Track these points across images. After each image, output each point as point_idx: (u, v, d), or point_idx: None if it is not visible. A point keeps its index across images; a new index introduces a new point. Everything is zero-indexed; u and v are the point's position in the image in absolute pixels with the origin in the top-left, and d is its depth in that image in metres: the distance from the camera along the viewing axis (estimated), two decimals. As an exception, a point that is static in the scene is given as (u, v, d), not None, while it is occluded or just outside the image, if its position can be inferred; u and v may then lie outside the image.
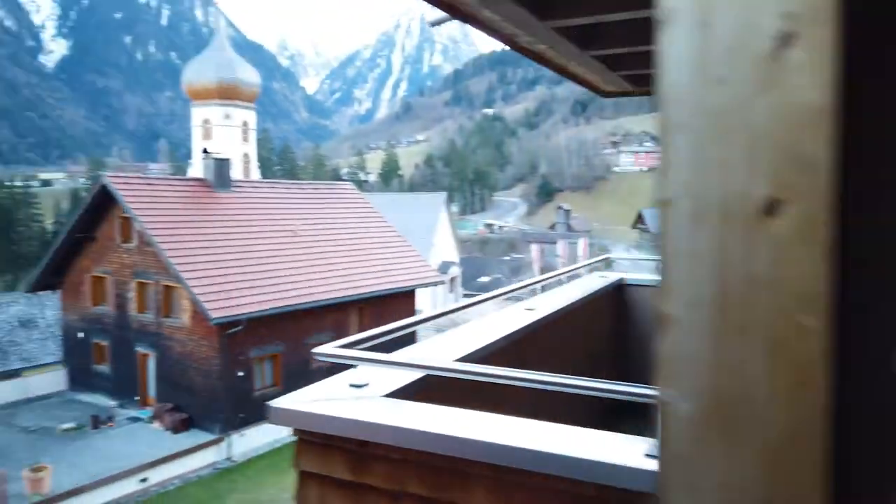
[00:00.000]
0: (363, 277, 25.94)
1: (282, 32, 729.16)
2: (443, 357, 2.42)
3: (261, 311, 21.22)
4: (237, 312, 20.46)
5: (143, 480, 18.60)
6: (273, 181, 32.48)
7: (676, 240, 0.64)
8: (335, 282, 24.67)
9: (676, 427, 0.61)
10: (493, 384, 2.04)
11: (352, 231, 28.49)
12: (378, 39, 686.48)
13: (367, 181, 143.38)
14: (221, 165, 25.74)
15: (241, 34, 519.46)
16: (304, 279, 23.75)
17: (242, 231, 24.20)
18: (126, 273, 23.23)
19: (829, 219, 0.54)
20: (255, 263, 22.97)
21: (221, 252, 22.43)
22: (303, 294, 23.03)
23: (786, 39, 0.54)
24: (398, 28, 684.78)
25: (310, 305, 23.02)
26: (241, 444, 21.28)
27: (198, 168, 35.94)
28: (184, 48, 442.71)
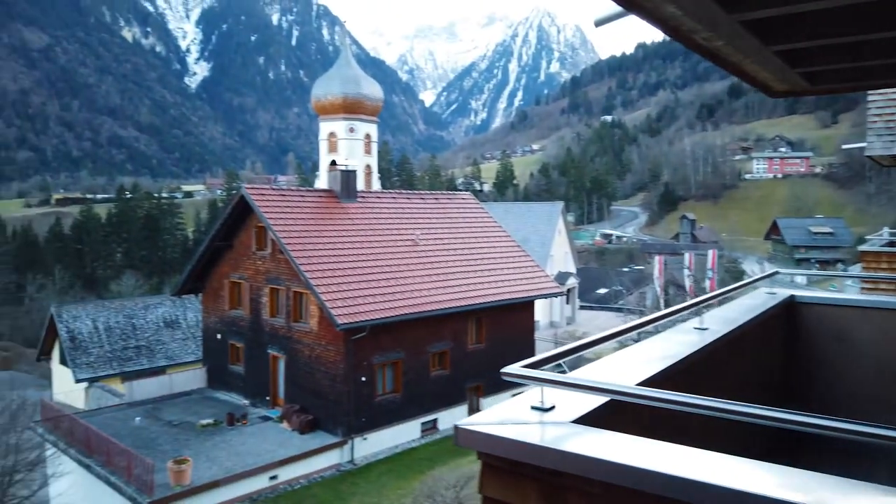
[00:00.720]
0: (481, 287, 25.94)
1: (402, 48, 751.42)
2: (627, 380, 2.23)
3: (384, 319, 21.69)
4: (362, 319, 21.02)
5: (273, 478, 19.48)
6: (395, 191, 33.28)
7: None
8: (454, 291, 24.83)
9: None
10: (671, 411, 1.83)
11: (470, 240, 28.62)
12: (494, 50, 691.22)
13: (482, 191, 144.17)
14: (348, 177, 26.67)
15: (365, 51, 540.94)
16: (425, 288, 24.08)
17: (366, 240, 24.92)
18: (260, 279, 24.54)
19: None
20: (379, 271, 23.56)
21: (347, 260, 23.19)
22: (423, 302, 23.35)
23: None
24: (515, 38, 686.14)
25: (430, 314, 23.29)
26: (363, 448, 21.82)
27: (324, 179, 37.51)
28: (311, 66, 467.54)
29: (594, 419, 1.92)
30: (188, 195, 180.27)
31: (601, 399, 2.01)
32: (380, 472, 21.01)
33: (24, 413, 21.77)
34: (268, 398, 24.14)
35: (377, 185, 41.31)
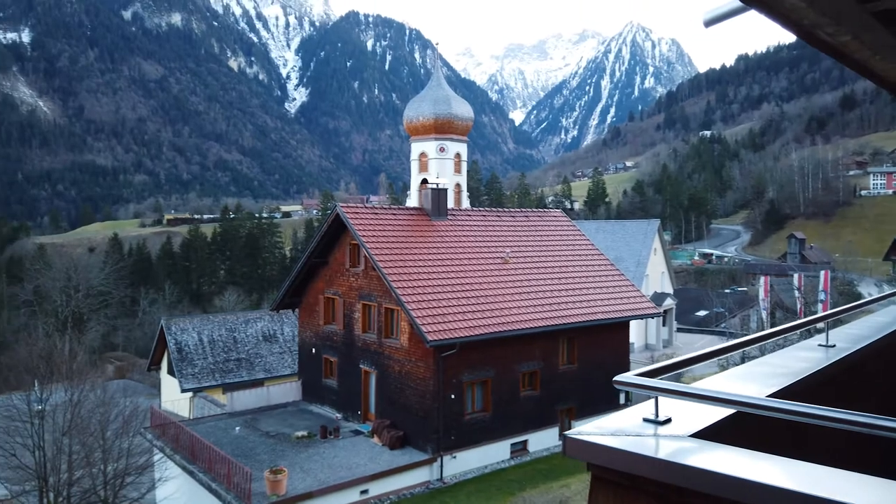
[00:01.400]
0: (573, 306, 25.41)
1: (492, 68, 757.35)
2: (754, 393, 2.05)
3: (474, 336, 21.61)
4: (452, 336, 21.02)
5: (364, 492, 19.69)
6: (486, 209, 33.30)
7: None
8: (544, 309, 24.44)
9: None
10: (790, 429, 1.66)
11: (562, 258, 28.15)
12: (586, 67, 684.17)
13: (573, 209, 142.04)
14: (439, 195, 26.93)
15: (455, 72, 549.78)
16: (515, 306, 23.83)
17: (456, 257, 25.01)
18: (353, 295, 25.10)
19: None
20: (468, 289, 23.53)
21: (437, 277, 23.33)
22: (513, 321, 23.09)
23: None
24: (608, 54, 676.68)
25: (520, 332, 23.01)
26: (452, 467, 21.70)
27: (415, 198, 38.11)
28: (403, 89, 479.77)
29: (713, 434, 1.77)
30: (286, 215, 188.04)
31: (721, 413, 1.86)
32: (469, 493, 20.81)
33: (136, 419, 23.11)
34: (359, 412, 24.52)
35: (466, 204, 41.55)
